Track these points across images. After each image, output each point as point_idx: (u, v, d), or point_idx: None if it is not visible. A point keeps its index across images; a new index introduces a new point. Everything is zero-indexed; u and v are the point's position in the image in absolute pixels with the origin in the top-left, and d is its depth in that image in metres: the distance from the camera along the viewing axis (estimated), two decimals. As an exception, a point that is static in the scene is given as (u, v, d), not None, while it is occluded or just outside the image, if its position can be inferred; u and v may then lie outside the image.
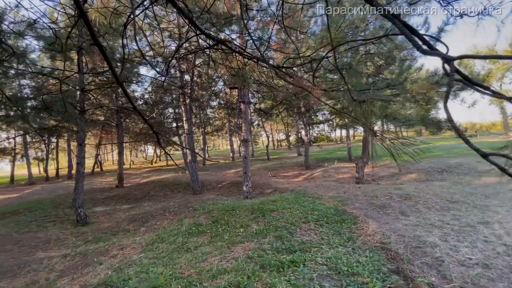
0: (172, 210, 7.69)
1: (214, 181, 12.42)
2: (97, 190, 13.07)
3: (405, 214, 4.82)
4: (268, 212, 5.60)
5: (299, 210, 5.57)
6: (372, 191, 6.95)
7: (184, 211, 7.38)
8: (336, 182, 9.87)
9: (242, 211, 5.94)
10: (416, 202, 5.35)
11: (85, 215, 7.56)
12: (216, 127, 29.80)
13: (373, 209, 5.34)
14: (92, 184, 14.96)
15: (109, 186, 13.94)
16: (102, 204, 10.51)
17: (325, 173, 12.38)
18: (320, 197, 6.87)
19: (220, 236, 4.71)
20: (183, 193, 10.88)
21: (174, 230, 5.57)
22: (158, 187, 12.11)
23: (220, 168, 19.67)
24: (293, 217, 5.18)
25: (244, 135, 9.09)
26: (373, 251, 3.65)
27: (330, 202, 6.19)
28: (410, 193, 6.06)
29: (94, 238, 6.12)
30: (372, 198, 6.07)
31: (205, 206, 7.27)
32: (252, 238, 4.41)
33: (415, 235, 3.92)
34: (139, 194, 11.47)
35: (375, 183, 9.33)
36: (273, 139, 48.44)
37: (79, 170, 7.62)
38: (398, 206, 5.30)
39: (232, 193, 10.46)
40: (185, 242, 4.71)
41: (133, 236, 6.11)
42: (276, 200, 6.60)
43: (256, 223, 5.16)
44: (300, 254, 3.70)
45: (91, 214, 8.95)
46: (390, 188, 7.05)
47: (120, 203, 10.44)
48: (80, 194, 7.58)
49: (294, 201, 6.40)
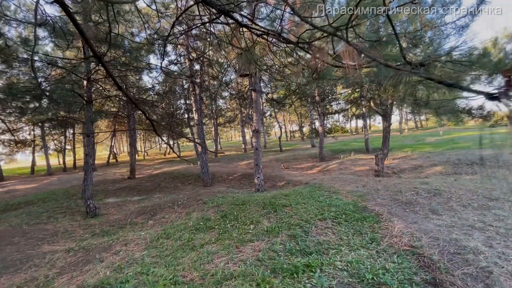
0: (181, 202, 7.45)
1: (225, 173, 12.14)
2: (109, 181, 13.16)
3: (436, 213, 4.25)
4: (281, 207, 5.19)
5: (314, 206, 5.12)
6: (394, 185, 6.36)
7: (193, 204, 7.12)
8: (353, 175, 9.28)
9: (253, 206, 5.56)
10: (448, 199, 4.75)
11: (95, 207, 7.47)
12: (228, 118, 29.50)
13: (398, 206, 4.80)
14: (105, 175, 15.13)
15: (121, 177, 14.02)
16: (114, 196, 10.50)
17: (341, 165, 11.77)
18: (337, 191, 6.37)
19: (229, 233, 4.36)
20: (193, 185, 10.68)
21: (181, 225, 5.30)
22: (169, 179, 11.98)
23: (232, 159, 19.42)
24: (308, 214, 4.74)
25: (255, 125, 8.64)
26: (402, 256, 3.16)
27: (348, 197, 5.68)
28: (440, 188, 5.44)
29: (101, 231, 5.97)
30: (395, 193, 5.51)
31: (215, 199, 6.96)
32: (262, 236, 4.03)
33: (451, 238, 3.38)
34: (150, 185, 11.39)
35: (396, 176, 8.67)
36: (286, 130, 47.67)
37: (88, 162, 7.49)
38: (427, 203, 4.72)
39: (243, 185, 10.12)
40: (191, 238, 4.40)
41: (140, 229, 5.91)
42: (289, 194, 6.17)
43: (268, 219, 4.76)
44: (317, 257, 3.27)
45: (102, 206, 8.92)
46: (415, 182, 6.43)
47: (131, 195, 10.39)
48: (89, 185, 7.47)
49: (308, 196, 5.95)
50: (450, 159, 9.57)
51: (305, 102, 17.70)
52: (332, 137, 26.35)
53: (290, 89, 15.52)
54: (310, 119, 25.91)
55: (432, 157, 10.67)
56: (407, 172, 9.11)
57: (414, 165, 9.72)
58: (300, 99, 15.52)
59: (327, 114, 21.21)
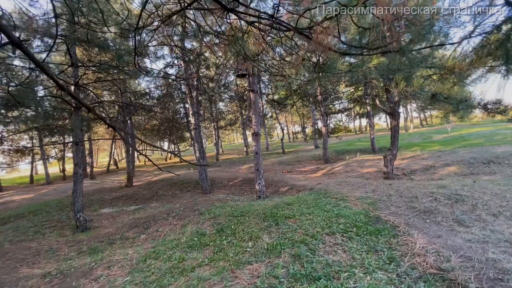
0: (176, 213, 6.94)
1: (225, 178, 11.62)
2: (106, 189, 12.72)
3: (463, 224, 3.68)
4: (283, 219, 4.65)
5: (320, 217, 4.57)
6: (408, 189, 5.78)
7: (189, 215, 6.61)
8: (361, 178, 8.71)
9: (252, 218, 5.03)
10: (473, 206, 4.17)
11: (85, 220, 7.00)
12: (229, 121, 29.06)
13: (416, 215, 4.23)
14: (103, 183, 14.71)
15: (119, 185, 13.57)
16: (110, 205, 10.04)
17: (347, 167, 11.18)
18: (345, 198, 5.81)
19: (224, 253, 3.83)
20: (192, 192, 10.17)
21: (173, 241, 4.78)
22: (167, 186, 11.50)
23: (233, 163, 18.90)
24: (314, 227, 4.20)
25: (254, 128, 8.12)
26: (429, 282, 2.62)
27: (358, 205, 5.12)
28: (460, 192, 4.86)
29: (88, 249, 5.49)
30: (411, 200, 4.94)
31: (212, 209, 6.44)
32: (262, 256, 3.49)
33: (488, 258, 2.81)
34: (148, 194, 10.92)
35: (408, 179, 8.08)
36: (288, 132, 47.10)
37: (77, 172, 7.03)
38: (450, 211, 4.15)
39: (244, 191, 9.60)
40: (182, 258, 3.87)
41: (130, 245, 5.42)
42: (292, 203, 5.63)
43: (268, 234, 4.23)
44: (326, 283, 2.74)
45: (96, 217, 8.46)
46: (430, 186, 5.85)
47: (127, 204, 9.92)
48: (78, 197, 7.01)
49: (313, 204, 5.40)
50: (464, 158, 8.94)
51: (307, 102, 17.17)
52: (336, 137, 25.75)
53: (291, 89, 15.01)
54: (312, 119, 25.37)
55: (443, 156, 10.04)
56: (418, 174, 8.50)
57: (426, 166, 9.10)
58: (302, 99, 15.00)
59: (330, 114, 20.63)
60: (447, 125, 23.53)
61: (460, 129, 21.81)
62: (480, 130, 18.01)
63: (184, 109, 18.86)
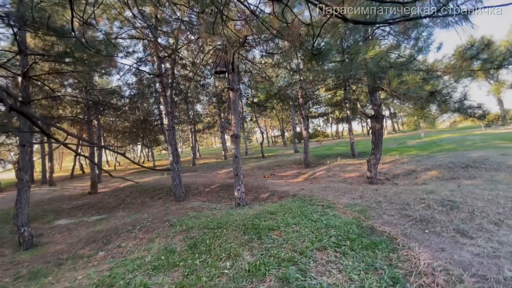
0: (144, 225, 6.08)
1: (201, 184, 10.81)
2: (66, 197, 11.32)
3: (465, 235, 3.33)
4: (266, 231, 4.05)
5: (308, 228, 4.05)
6: (396, 195, 5.47)
7: (158, 227, 5.79)
8: (344, 183, 8.39)
9: (231, 230, 4.38)
10: (470, 214, 3.88)
11: (31, 236, 5.89)
12: (207, 124, 28.12)
13: (413, 225, 3.85)
14: (63, 190, 13.17)
15: (81, 193, 12.17)
16: (67, 216, 8.82)
17: (329, 172, 10.90)
18: (332, 205, 5.36)
19: (196, 275, 3.15)
20: (164, 200, 9.25)
21: (136, 261, 3.98)
22: (136, 193, 10.42)
23: (211, 168, 18.04)
24: (302, 241, 3.65)
25: (234, 129, 7.51)
26: (446, 311, 2.16)
27: (347, 214, 4.68)
28: (452, 198, 4.60)
29: (28, 273, 4.48)
30: (403, 207, 4.59)
31: (185, 220, 5.69)
32: (243, 281, 2.87)
33: (506, 277, 2.42)
34: (113, 202, 9.80)
35: (391, 183, 7.89)
36: (268, 136, 46.92)
37: (22, 178, 5.92)
38: (447, 219, 3.82)
39: (222, 198, 8.89)
40: (144, 285, 3.12)
41: (84, 267, 4.51)
42: (275, 212, 5.06)
43: (250, 250, 3.61)
44: (323, 317, 2.19)
45: (47, 231, 7.29)
46: (417, 191, 5.60)
47: (88, 214, 8.77)
48: (24, 208, 5.89)
49: (299, 213, 4.87)
50: (443, 163, 9.01)
51: (287, 106, 16.88)
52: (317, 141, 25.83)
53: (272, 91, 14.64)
54: (292, 123, 25.25)
55: (423, 160, 10.10)
56: (401, 178, 8.37)
57: (407, 170, 9.05)
58: (282, 102, 14.65)
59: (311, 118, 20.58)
60: (420, 131, 24.56)
61: (431, 135, 22.80)
62: (449, 136, 18.86)
63: (158, 110, 17.73)
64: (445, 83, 4.81)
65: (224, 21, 2.67)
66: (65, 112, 11.58)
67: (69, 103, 10.62)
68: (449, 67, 5.60)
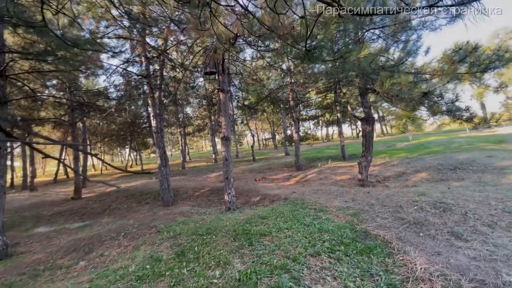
0: (129, 231, 5.79)
1: (191, 188, 10.54)
2: (47, 203, 10.78)
3: (460, 238, 3.28)
4: (258, 237, 3.89)
5: (301, 233, 3.91)
6: (388, 197, 5.43)
7: (145, 233, 5.52)
8: (336, 186, 8.34)
9: (221, 236, 4.20)
10: (463, 216, 3.84)
11: (5, 245, 5.51)
12: (197, 127, 27.77)
13: (407, 228, 3.78)
14: (45, 196, 12.56)
15: (64, 198, 11.65)
16: (48, 223, 8.36)
17: (320, 175, 10.85)
18: (324, 208, 5.26)
19: (183, 286, 2.96)
20: (151, 205, 8.94)
21: (118, 271, 3.73)
22: (122, 198, 10.04)
23: (201, 171, 17.73)
24: (295, 246, 3.51)
25: (224, 131, 7.33)
26: (446, 319, 2.06)
27: (340, 217, 4.58)
28: (444, 200, 4.58)
29: (1, 286, 4.14)
30: (396, 210, 4.53)
31: (172, 226, 5.46)
32: (233, 291, 2.70)
33: (505, 282, 2.36)
34: (98, 207, 9.39)
35: (383, 186, 7.90)
36: (259, 139, 46.85)
37: (-4, 183, 5.54)
38: (441, 222, 3.77)
39: (212, 202, 8.66)
40: (126, 298, 2.91)
41: (62, 278, 4.20)
42: (267, 216, 4.91)
43: (241, 257, 3.43)
44: (319, 329, 2.05)
45: (25, 240, 6.86)
46: (409, 193, 5.58)
47: (70, 221, 8.34)
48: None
49: (291, 217, 4.74)
50: (432, 165, 9.11)
51: (278, 108, 16.84)
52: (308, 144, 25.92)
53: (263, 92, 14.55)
54: (283, 126, 25.25)
55: (412, 162, 10.21)
56: (392, 180, 8.40)
57: (398, 172, 9.10)
58: (273, 104, 14.58)
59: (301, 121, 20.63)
60: (409, 134, 25.07)
61: (418, 137, 23.29)
62: (436, 138, 19.29)
63: (146, 113, 17.32)
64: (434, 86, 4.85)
65: (213, 15, 2.53)
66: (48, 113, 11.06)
67: (52, 104, 10.15)
68: (438, 70, 5.64)
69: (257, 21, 2.40)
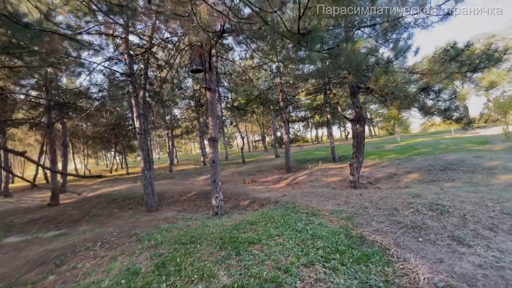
0: (107, 240, 5.33)
1: (177, 192, 10.08)
2: (21, 210, 10.05)
3: (462, 243, 3.08)
4: (246, 246, 3.57)
5: (293, 240, 3.62)
6: (382, 199, 5.24)
7: (124, 242, 5.08)
8: (327, 188, 8.13)
9: (206, 245, 3.84)
10: (462, 219, 3.66)
11: (-35, 259, 4.90)
12: (186, 129, 27.16)
13: (404, 232, 3.56)
14: (20, 202, 11.75)
15: (40, 204, 10.90)
16: (20, 232, 7.70)
17: (311, 177, 10.64)
18: (317, 212, 5.00)
19: (161, 305, 2.60)
20: (134, 210, 8.43)
21: (90, 287, 3.33)
22: (103, 204, 9.46)
23: (189, 174, 17.20)
24: (286, 255, 3.21)
25: (212, 132, 6.98)
26: None
27: (334, 222, 4.32)
28: (440, 202, 4.41)
29: (-50, 308, 3.62)
30: (391, 213, 4.32)
31: (154, 234, 5.05)
32: (217, 310, 2.36)
33: (517, 293, 2.13)
34: (77, 214, 8.79)
35: (374, 187, 7.74)
36: (249, 141, 46.50)
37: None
38: (440, 226, 3.57)
39: (199, 207, 8.26)
40: (95, 321, 2.51)
41: (25, 297, 3.73)
42: (256, 222, 4.59)
43: (227, 269, 3.10)
44: None
45: (-9, 251, 6.23)
46: (403, 195, 5.41)
47: (45, 229, 7.73)
48: (-44, 226, 4.90)
49: (282, 223, 4.44)
50: (423, 166, 9.07)
51: (268, 110, 16.61)
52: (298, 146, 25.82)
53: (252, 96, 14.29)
54: (273, 128, 25.04)
55: (402, 163, 10.17)
56: (383, 182, 8.27)
57: (389, 173, 9.00)
58: (263, 105, 14.34)
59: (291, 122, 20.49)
60: (397, 135, 25.42)
61: (406, 139, 23.63)
62: (424, 140, 19.59)
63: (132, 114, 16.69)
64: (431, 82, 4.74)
65: None
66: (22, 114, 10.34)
67: (27, 104, 9.45)
68: (429, 69, 5.53)
69: (243, 3, 2.10)
